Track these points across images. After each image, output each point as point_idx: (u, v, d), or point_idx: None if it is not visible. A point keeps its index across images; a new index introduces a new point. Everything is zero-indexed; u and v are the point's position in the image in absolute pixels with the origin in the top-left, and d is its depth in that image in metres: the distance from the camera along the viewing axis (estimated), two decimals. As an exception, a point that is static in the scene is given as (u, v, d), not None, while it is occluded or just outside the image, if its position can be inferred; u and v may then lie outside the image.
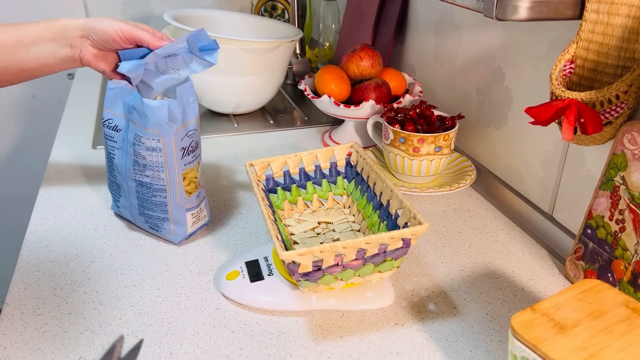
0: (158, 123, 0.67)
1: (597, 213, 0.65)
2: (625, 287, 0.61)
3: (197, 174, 0.74)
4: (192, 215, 0.74)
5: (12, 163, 1.72)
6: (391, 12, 1.17)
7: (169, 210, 0.72)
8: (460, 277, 0.70)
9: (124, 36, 0.68)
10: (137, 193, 0.73)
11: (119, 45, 0.69)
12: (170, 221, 0.73)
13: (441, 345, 0.59)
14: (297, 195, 0.77)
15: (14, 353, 0.57)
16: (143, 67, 0.69)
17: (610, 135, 0.62)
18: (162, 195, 0.71)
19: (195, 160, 0.73)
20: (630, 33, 0.57)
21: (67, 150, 1.02)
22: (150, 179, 0.71)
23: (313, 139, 1.10)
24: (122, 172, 0.73)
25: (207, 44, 0.70)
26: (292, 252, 0.54)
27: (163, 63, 0.70)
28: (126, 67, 0.69)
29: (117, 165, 0.74)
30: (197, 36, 0.69)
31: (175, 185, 0.71)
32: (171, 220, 0.73)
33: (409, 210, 0.61)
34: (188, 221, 0.74)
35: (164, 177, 0.70)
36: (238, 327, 0.61)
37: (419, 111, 0.90)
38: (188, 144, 0.71)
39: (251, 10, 1.59)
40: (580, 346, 0.45)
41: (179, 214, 0.73)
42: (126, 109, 0.71)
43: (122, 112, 0.71)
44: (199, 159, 0.74)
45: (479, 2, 0.55)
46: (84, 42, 0.69)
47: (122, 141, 0.72)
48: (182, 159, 0.71)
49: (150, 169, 0.70)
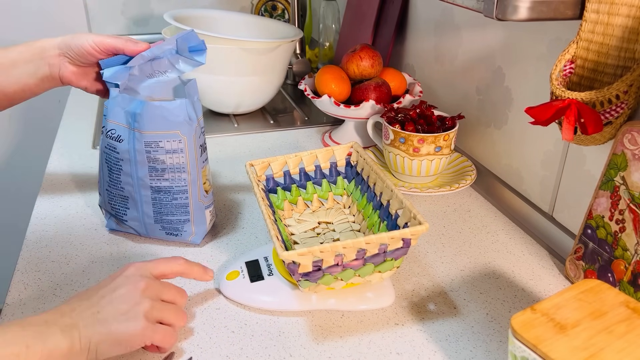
0: (179, 123, 0.67)
1: (597, 213, 0.65)
2: (626, 287, 0.61)
3: (208, 171, 0.75)
4: (210, 212, 0.75)
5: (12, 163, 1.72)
6: (391, 12, 1.17)
7: (190, 211, 0.72)
8: (461, 277, 0.70)
9: (98, 48, 0.68)
10: (153, 200, 0.71)
11: (95, 58, 0.69)
12: (191, 222, 0.73)
13: (441, 345, 0.59)
14: (297, 195, 0.77)
15: (14, 353, 0.57)
16: (128, 71, 0.68)
17: (610, 136, 0.62)
18: (183, 197, 0.70)
19: (207, 157, 0.74)
20: (631, 33, 0.57)
21: (67, 150, 1.02)
22: (169, 182, 0.70)
23: (313, 139, 1.10)
24: (133, 183, 0.71)
25: (196, 45, 0.70)
26: (292, 252, 0.54)
27: (148, 67, 0.69)
28: (109, 73, 0.68)
29: (126, 177, 0.70)
30: (187, 37, 0.69)
31: (196, 185, 0.70)
32: (192, 221, 0.72)
33: (409, 210, 0.61)
34: (207, 219, 0.74)
35: (185, 177, 0.70)
36: (238, 327, 0.61)
37: (419, 111, 0.90)
38: (203, 141, 0.72)
39: (251, 10, 1.59)
40: (581, 346, 0.45)
41: (199, 213, 0.73)
42: (129, 118, 0.68)
43: (124, 122, 0.69)
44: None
45: (479, 2, 0.55)
46: (62, 60, 0.69)
47: (128, 152, 0.69)
48: (200, 157, 0.71)
49: (171, 172, 0.69)
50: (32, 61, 0.68)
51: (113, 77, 0.68)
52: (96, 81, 0.73)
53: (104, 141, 0.70)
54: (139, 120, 0.67)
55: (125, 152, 0.69)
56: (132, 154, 0.69)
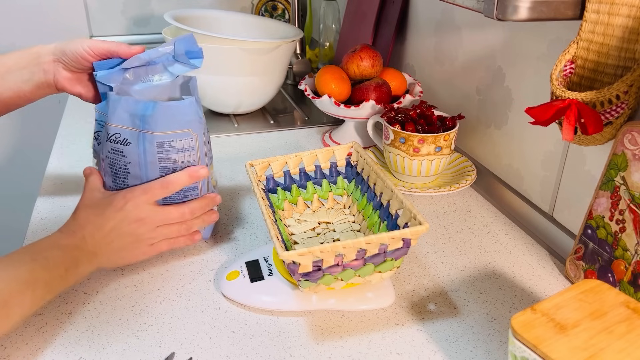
0: (190, 121, 0.66)
1: (597, 213, 0.65)
2: (626, 287, 0.61)
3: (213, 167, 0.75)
4: (216, 207, 0.74)
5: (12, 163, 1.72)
6: (391, 12, 1.17)
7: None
8: (461, 278, 0.70)
9: (92, 52, 0.68)
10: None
11: (90, 62, 0.69)
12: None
13: (441, 346, 0.59)
14: (298, 195, 0.77)
15: (14, 353, 0.57)
16: (122, 74, 0.68)
17: (610, 136, 0.62)
18: (193, 193, 0.70)
19: (212, 153, 0.74)
20: (631, 33, 0.57)
21: (67, 151, 1.02)
22: None
23: (313, 139, 1.10)
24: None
25: (193, 50, 0.70)
26: (293, 252, 0.54)
27: (143, 71, 0.69)
28: (103, 74, 0.68)
29: (135, 180, 0.68)
30: (185, 40, 0.69)
31: (205, 181, 0.70)
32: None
33: (409, 211, 0.61)
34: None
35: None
36: (238, 327, 0.61)
37: (419, 111, 0.90)
38: (209, 138, 0.72)
39: (251, 10, 1.59)
40: (581, 346, 0.45)
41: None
42: (136, 120, 0.66)
43: (129, 125, 0.66)
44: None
45: (479, 2, 0.56)
46: (57, 66, 0.69)
47: (137, 154, 0.66)
48: (208, 153, 0.71)
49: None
50: (27, 67, 0.69)
51: (106, 79, 0.68)
52: (91, 87, 0.73)
53: (107, 146, 0.68)
54: (149, 122, 0.65)
55: (135, 154, 0.66)
56: (142, 156, 0.66)
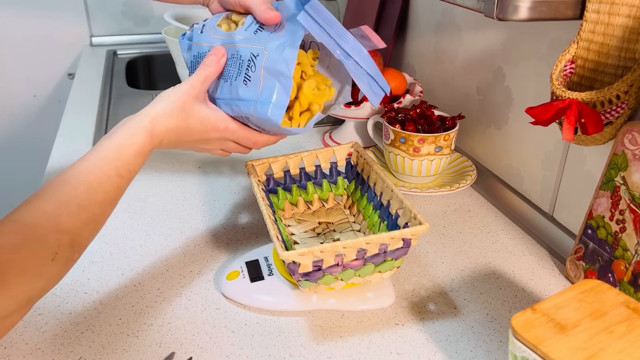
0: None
1: (597, 213, 0.65)
2: (626, 287, 0.61)
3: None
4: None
5: (12, 163, 1.72)
6: (391, 12, 1.17)
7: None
8: (461, 277, 0.70)
9: (238, 3, 0.67)
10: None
11: (234, 9, 0.69)
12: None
13: (441, 346, 0.59)
14: (298, 195, 0.77)
15: (14, 353, 0.57)
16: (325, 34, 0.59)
17: (610, 136, 0.62)
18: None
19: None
20: (631, 33, 0.57)
21: (67, 151, 1.02)
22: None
23: (313, 139, 1.10)
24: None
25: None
26: (293, 252, 0.54)
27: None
28: (308, 22, 0.58)
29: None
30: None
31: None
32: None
33: (409, 210, 0.61)
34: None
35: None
36: (238, 327, 0.61)
37: (420, 111, 0.90)
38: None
39: (251, 10, 1.59)
40: (581, 346, 0.45)
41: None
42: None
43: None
44: None
45: (479, 2, 0.56)
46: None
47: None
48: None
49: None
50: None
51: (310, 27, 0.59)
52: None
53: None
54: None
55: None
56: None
